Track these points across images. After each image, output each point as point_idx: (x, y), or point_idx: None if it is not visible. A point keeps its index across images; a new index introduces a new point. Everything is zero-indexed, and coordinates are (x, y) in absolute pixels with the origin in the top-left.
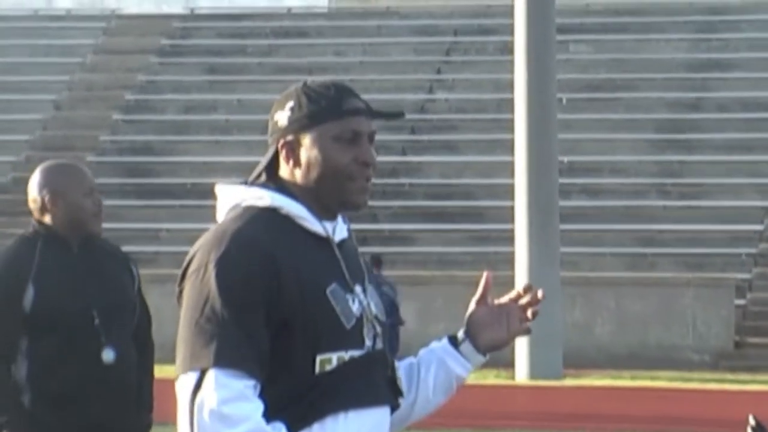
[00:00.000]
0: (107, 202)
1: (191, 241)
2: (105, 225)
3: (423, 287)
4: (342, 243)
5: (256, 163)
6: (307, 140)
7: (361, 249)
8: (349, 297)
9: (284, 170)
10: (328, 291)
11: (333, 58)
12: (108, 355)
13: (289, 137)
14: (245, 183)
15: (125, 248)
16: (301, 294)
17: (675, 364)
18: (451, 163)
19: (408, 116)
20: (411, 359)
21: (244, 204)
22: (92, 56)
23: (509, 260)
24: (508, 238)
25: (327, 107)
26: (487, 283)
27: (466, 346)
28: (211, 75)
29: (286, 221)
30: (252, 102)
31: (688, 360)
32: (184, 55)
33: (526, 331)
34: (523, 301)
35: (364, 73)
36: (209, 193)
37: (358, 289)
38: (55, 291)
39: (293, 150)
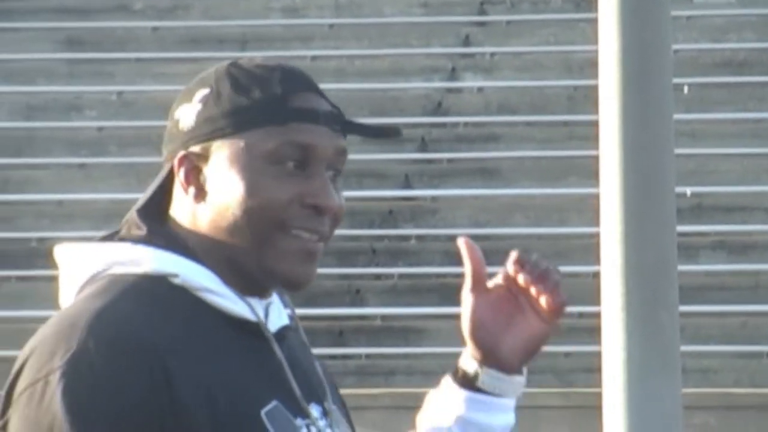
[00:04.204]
0: None
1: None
2: None
3: None
4: (282, 335)
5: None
6: (220, 155)
7: (331, 353)
8: (301, 423)
9: (181, 207)
10: (263, 413)
11: (281, 20)
12: None
13: (193, 148)
14: (110, 237)
15: None
16: (214, 420)
17: None
18: (489, 199)
19: (414, 120)
20: None
21: (110, 272)
22: None
23: (592, 367)
24: (589, 330)
25: (263, 101)
26: (471, 253)
27: (489, 375)
28: (71, 50)
29: (185, 297)
30: (143, 97)
31: None
32: (20, 15)
33: (560, 305)
34: (522, 279)
35: (335, 46)
36: None
37: (315, 411)
38: None
39: (196, 171)
